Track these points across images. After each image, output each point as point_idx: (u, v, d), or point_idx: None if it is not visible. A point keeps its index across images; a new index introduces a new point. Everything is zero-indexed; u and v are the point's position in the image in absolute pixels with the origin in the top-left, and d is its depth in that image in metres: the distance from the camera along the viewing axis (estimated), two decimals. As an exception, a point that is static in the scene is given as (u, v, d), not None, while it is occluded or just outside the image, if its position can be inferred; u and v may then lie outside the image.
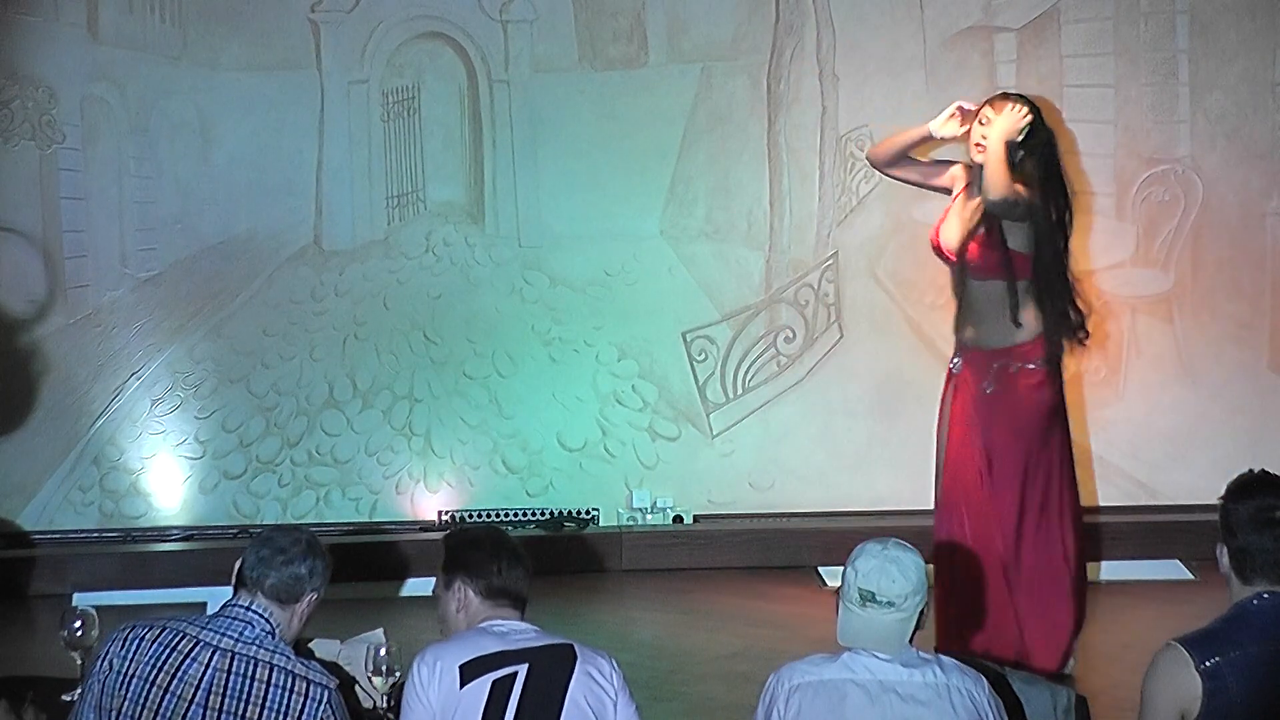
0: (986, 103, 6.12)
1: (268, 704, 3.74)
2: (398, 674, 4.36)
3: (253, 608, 3.83)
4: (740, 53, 8.11)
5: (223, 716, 3.72)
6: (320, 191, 8.11)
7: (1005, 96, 6.14)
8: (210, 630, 3.80)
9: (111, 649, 3.79)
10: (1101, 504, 8.04)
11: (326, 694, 3.78)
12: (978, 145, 6.04)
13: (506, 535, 4.11)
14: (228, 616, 3.83)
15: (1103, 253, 8.11)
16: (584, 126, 8.12)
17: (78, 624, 4.52)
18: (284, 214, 8.10)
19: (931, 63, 8.10)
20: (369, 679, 4.39)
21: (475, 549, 4.02)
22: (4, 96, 7.89)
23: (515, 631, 3.89)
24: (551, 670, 3.82)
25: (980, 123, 6.06)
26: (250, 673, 3.76)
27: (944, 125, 6.19)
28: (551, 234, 8.15)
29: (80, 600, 6.66)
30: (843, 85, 8.07)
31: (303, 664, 3.81)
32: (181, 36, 8.02)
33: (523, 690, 3.78)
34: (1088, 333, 6.11)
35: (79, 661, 4.37)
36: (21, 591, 7.58)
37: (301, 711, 3.75)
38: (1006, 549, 6.00)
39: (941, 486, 6.15)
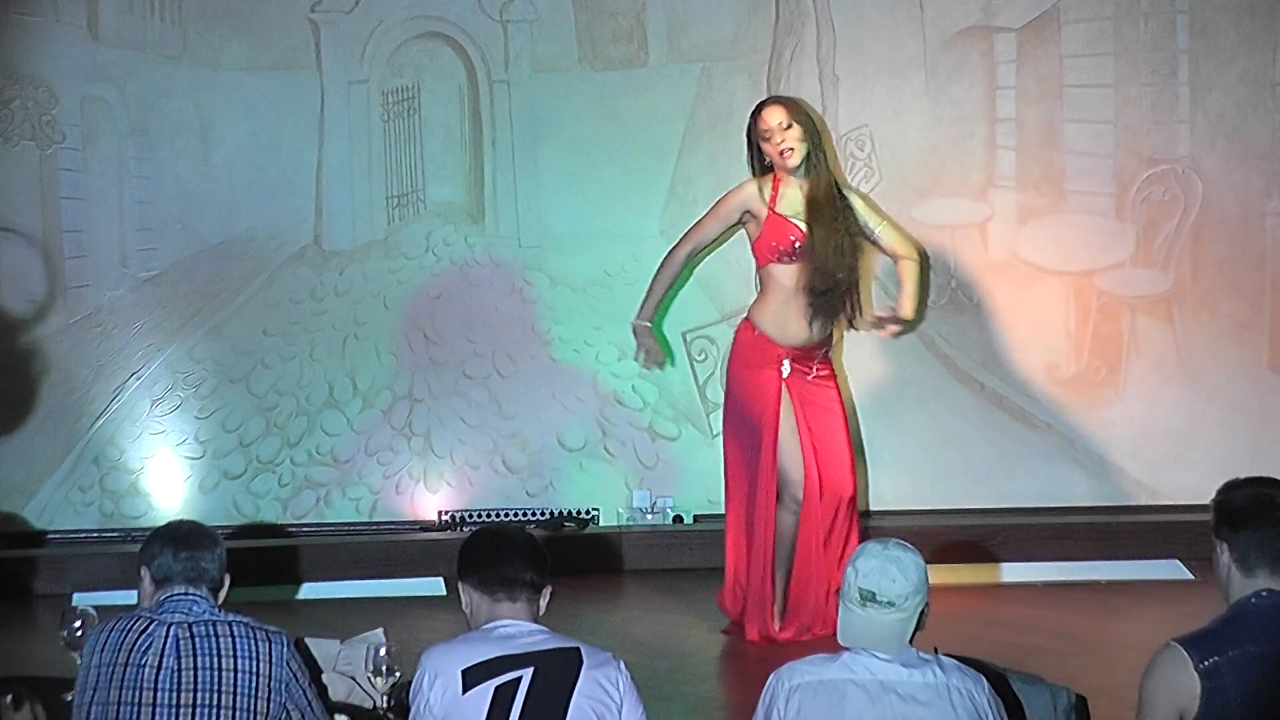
0: (757, 114, 6.58)
1: (238, 652, 3.96)
2: (398, 674, 4.37)
3: (190, 594, 4.03)
4: (740, 53, 8.11)
5: (198, 674, 3.92)
6: (320, 191, 8.11)
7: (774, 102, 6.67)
8: (164, 612, 4.01)
9: (86, 649, 4.06)
10: (1101, 504, 8.04)
11: (283, 638, 4.03)
12: (784, 152, 6.50)
13: (508, 528, 4.12)
14: (173, 600, 4.03)
15: (1103, 253, 8.11)
16: (584, 126, 8.12)
17: (78, 624, 4.54)
18: (284, 214, 8.09)
19: (931, 63, 8.10)
20: (369, 679, 4.39)
21: (469, 546, 4.02)
22: (4, 96, 7.89)
23: (521, 634, 3.86)
24: (556, 675, 3.80)
25: (765, 138, 6.53)
26: (212, 632, 3.98)
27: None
28: (551, 234, 8.14)
29: (80, 600, 6.65)
30: (843, 85, 8.06)
31: (255, 622, 4.04)
32: (181, 36, 8.02)
33: (526, 696, 3.76)
34: None
35: (79, 661, 4.37)
36: (22, 591, 7.57)
37: (270, 656, 3.98)
38: None
39: None
